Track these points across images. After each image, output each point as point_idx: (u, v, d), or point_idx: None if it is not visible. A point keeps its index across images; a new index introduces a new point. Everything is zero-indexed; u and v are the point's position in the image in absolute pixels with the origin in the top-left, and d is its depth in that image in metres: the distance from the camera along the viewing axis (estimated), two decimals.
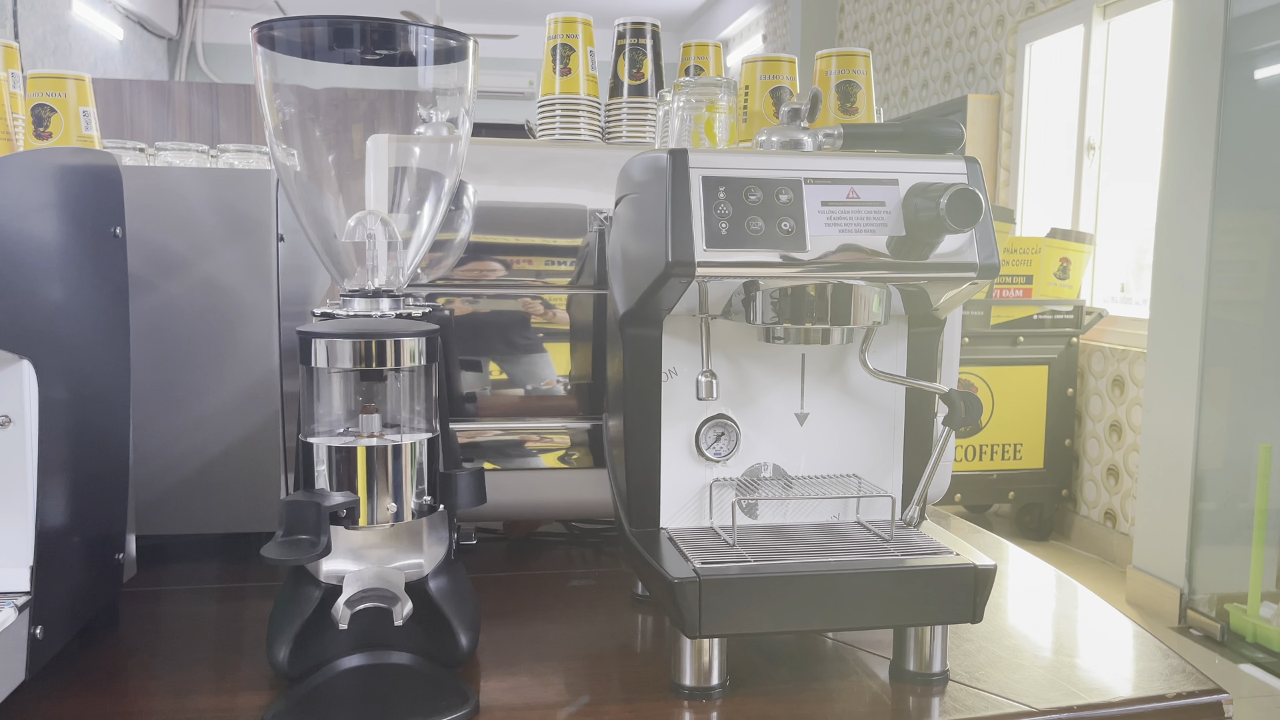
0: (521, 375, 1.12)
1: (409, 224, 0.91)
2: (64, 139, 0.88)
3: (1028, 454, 3.81)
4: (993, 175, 4.59)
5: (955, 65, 5.08)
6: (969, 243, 0.77)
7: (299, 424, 0.77)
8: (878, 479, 0.89)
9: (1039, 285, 3.85)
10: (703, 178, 0.74)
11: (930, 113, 5.03)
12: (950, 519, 1.33)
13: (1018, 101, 4.57)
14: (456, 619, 0.82)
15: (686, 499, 0.86)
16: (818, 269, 0.75)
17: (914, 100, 5.51)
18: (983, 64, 4.81)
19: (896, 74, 5.73)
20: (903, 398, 0.89)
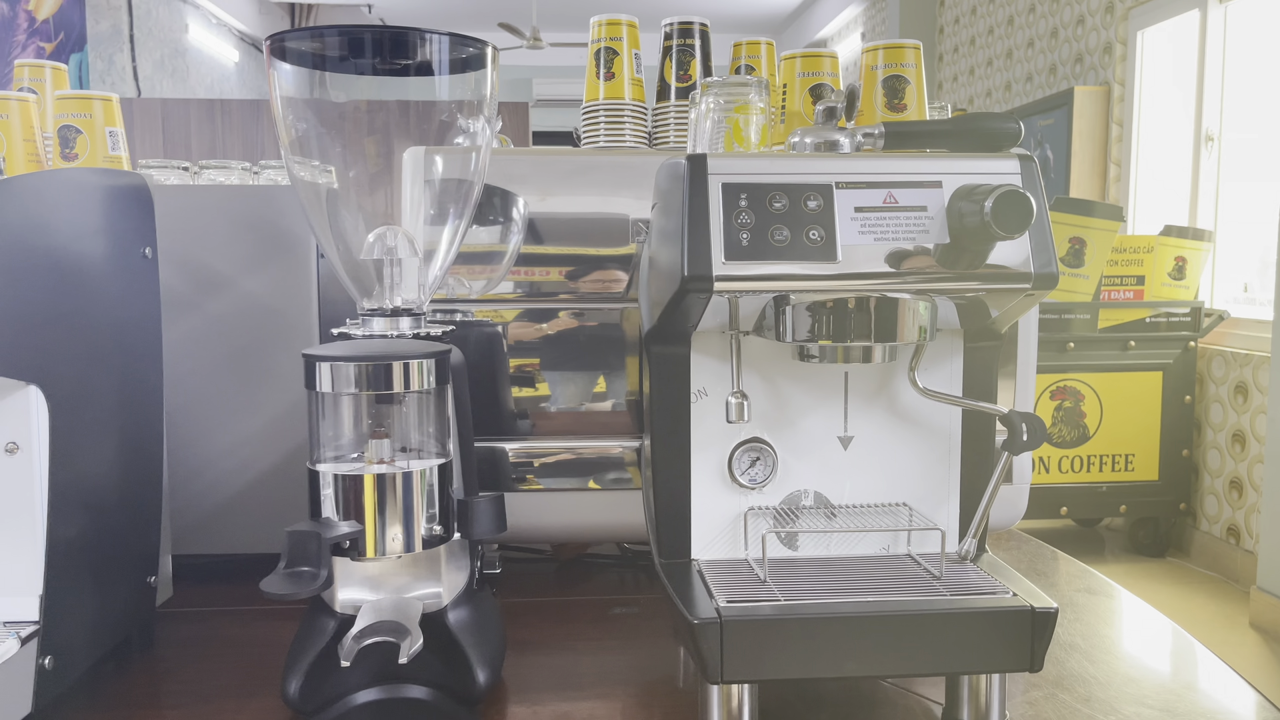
0: (574, 392, 1.08)
1: (434, 238, 0.87)
2: (90, 160, 0.88)
3: (1141, 465, 3.60)
4: (1102, 170, 4.37)
5: (1062, 56, 4.87)
6: (1022, 250, 0.70)
7: (310, 449, 0.74)
8: (931, 508, 0.81)
9: (1152, 286, 3.64)
10: (722, 185, 0.68)
11: (1035, 106, 4.82)
12: (1031, 543, 1.24)
13: (1129, 92, 4.34)
14: (475, 653, 0.78)
15: (720, 529, 0.80)
16: (849, 281, 0.68)
17: (1017, 95, 5.30)
18: (1091, 54, 4.59)
19: (999, 68, 5.53)
20: (959, 419, 0.81)
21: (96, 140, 0.86)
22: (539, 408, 1.05)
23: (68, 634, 0.74)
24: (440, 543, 0.75)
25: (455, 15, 9.58)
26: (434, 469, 0.74)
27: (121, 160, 0.91)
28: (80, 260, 0.78)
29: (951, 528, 0.81)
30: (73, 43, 5.95)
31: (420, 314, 0.83)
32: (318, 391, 0.71)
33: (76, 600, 0.76)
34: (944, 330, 0.80)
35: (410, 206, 0.85)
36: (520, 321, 1.04)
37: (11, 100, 0.84)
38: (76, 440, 0.76)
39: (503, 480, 1.06)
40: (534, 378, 1.06)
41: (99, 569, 0.79)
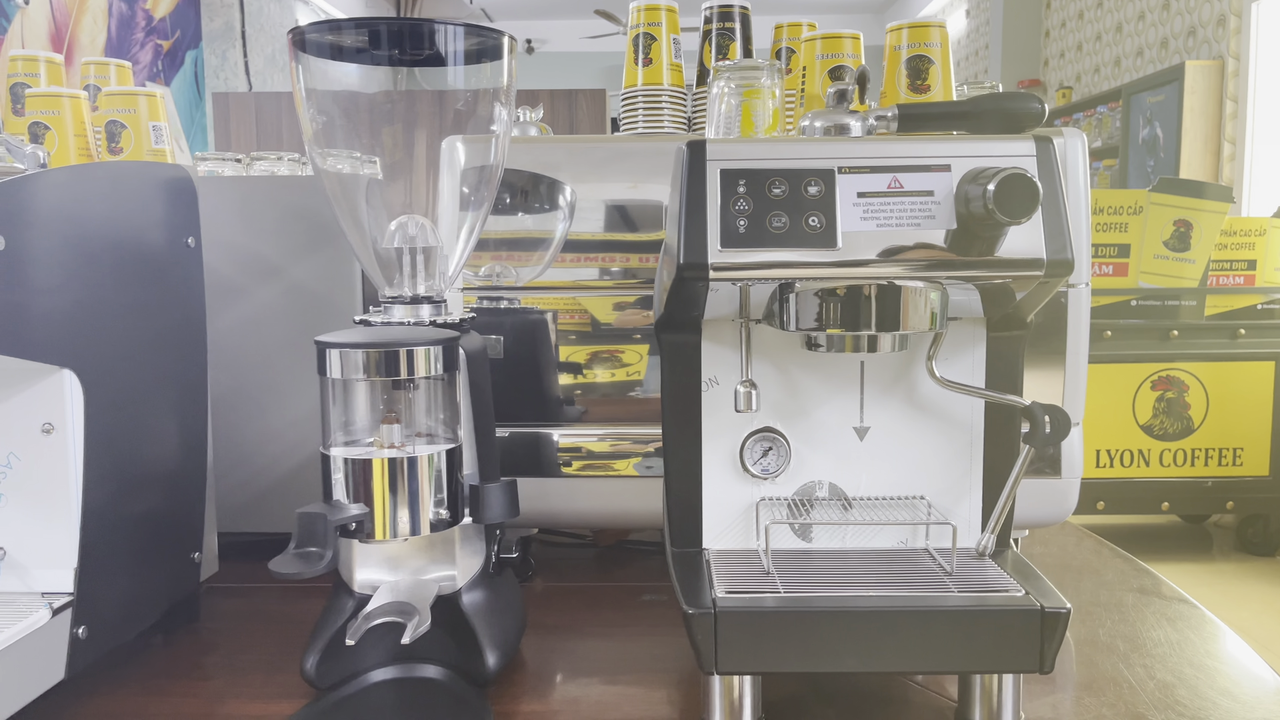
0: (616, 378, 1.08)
1: (456, 226, 0.89)
2: (135, 154, 0.92)
3: (1250, 460, 3.42)
4: (1215, 149, 4.15)
5: (1173, 29, 4.64)
6: (1035, 235, 0.67)
7: (322, 433, 0.76)
8: (951, 502, 0.79)
9: (1264, 271, 3.44)
10: (721, 171, 0.68)
11: (1145, 83, 4.61)
12: (1089, 540, 1.19)
13: (1243, 67, 4.11)
14: (486, 636, 0.79)
15: (732, 518, 0.79)
16: (850, 268, 0.67)
17: (1126, 71, 5.07)
18: (1204, 26, 4.36)
19: (1108, 42, 5.30)
20: (982, 411, 0.79)
21: (141, 135, 0.90)
22: (583, 394, 1.06)
23: (103, 606, 0.78)
24: (448, 526, 0.76)
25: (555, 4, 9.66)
26: (442, 454, 0.75)
27: (165, 154, 0.95)
28: (119, 249, 0.81)
29: (973, 522, 0.79)
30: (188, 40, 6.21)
31: (440, 301, 0.84)
32: (328, 377, 0.73)
33: (113, 574, 0.80)
34: (965, 319, 0.78)
35: (430, 195, 0.86)
36: (564, 308, 1.05)
37: (63, 97, 0.88)
38: (115, 423, 0.79)
39: (546, 465, 1.07)
40: (579, 364, 1.07)
41: (138, 545, 0.83)
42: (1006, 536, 0.78)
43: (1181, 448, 3.42)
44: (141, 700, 0.79)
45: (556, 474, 1.06)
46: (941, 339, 0.76)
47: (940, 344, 0.76)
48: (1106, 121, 5.23)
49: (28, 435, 0.75)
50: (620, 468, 1.05)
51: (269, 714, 0.77)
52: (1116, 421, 3.40)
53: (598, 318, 1.03)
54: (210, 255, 1.08)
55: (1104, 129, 5.26)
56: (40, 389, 0.75)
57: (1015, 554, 0.78)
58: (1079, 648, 0.87)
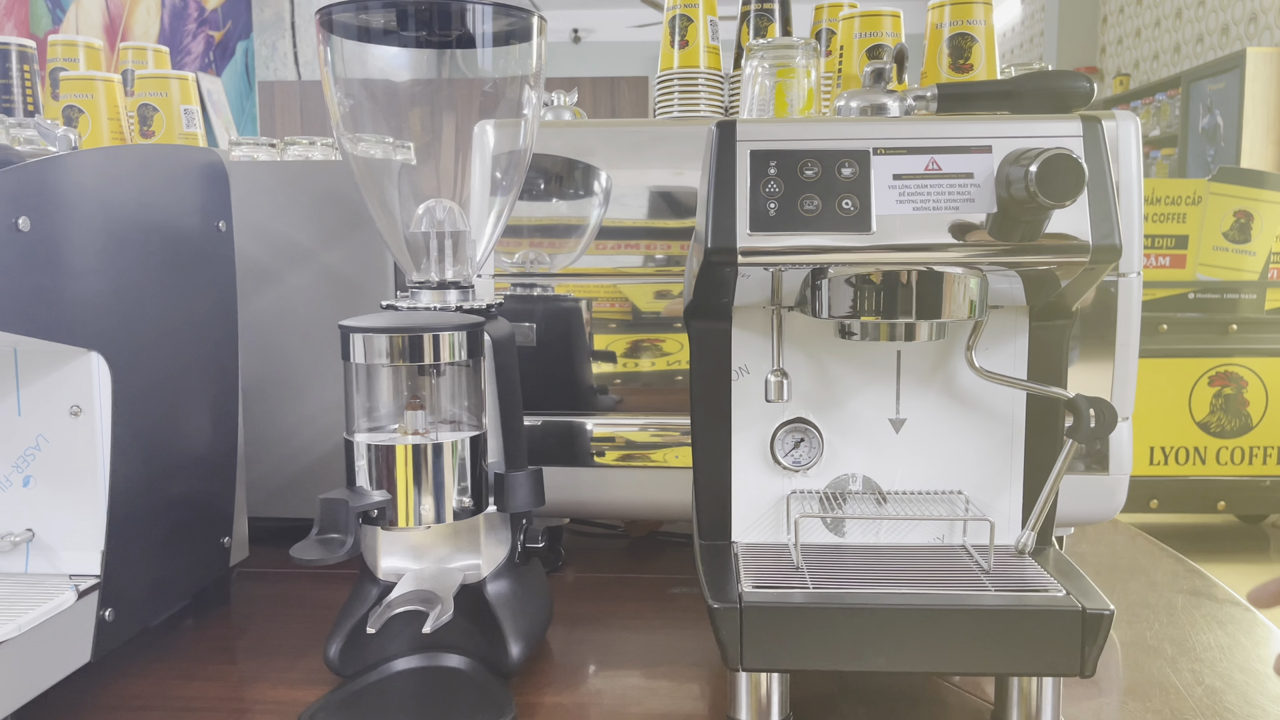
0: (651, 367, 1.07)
1: (484, 211, 0.87)
2: (166, 137, 0.91)
3: None
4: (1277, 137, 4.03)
5: (1235, 15, 4.50)
6: (1081, 220, 0.64)
7: (346, 419, 0.75)
8: (990, 498, 0.76)
9: None
10: (750, 152, 0.65)
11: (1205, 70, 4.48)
12: (1139, 539, 1.15)
13: None
14: (510, 626, 0.78)
15: (762, 511, 0.77)
16: (884, 253, 0.64)
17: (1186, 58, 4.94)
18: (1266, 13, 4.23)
19: (1167, 29, 5.16)
20: (1023, 403, 0.76)
21: (173, 118, 0.90)
22: (618, 383, 1.04)
23: (130, 589, 0.78)
24: (471, 514, 0.75)
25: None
26: (465, 441, 0.74)
27: (197, 137, 0.95)
28: (148, 232, 0.81)
29: (1013, 519, 0.76)
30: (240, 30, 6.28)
31: (468, 287, 0.83)
32: (351, 362, 0.72)
33: (141, 558, 0.80)
34: (1007, 307, 0.75)
35: (459, 179, 0.85)
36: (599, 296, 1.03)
37: (97, 81, 0.89)
38: (144, 406, 0.79)
39: (578, 454, 1.06)
40: (613, 352, 1.05)
41: (167, 528, 0.83)
42: (1048, 534, 0.76)
43: (1239, 445, 3.32)
44: (167, 684, 0.79)
45: (589, 463, 1.05)
46: (981, 328, 0.73)
47: (980, 333, 0.73)
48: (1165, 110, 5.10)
49: (56, 418, 0.75)
50: (654, 458, 1.04)
51: (292, 700, 0.76)
52: (1172, 418, 3.31)
53: (637, 305, 1.01)
54: (243, 240, 1.08)
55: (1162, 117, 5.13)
56: (68, 371, 0.75)
57: (1057, 552, 0.75)
58: (1125, 650, 0.83)
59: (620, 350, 1.03)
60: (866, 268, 0.66)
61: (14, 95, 1.01)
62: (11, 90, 1.01)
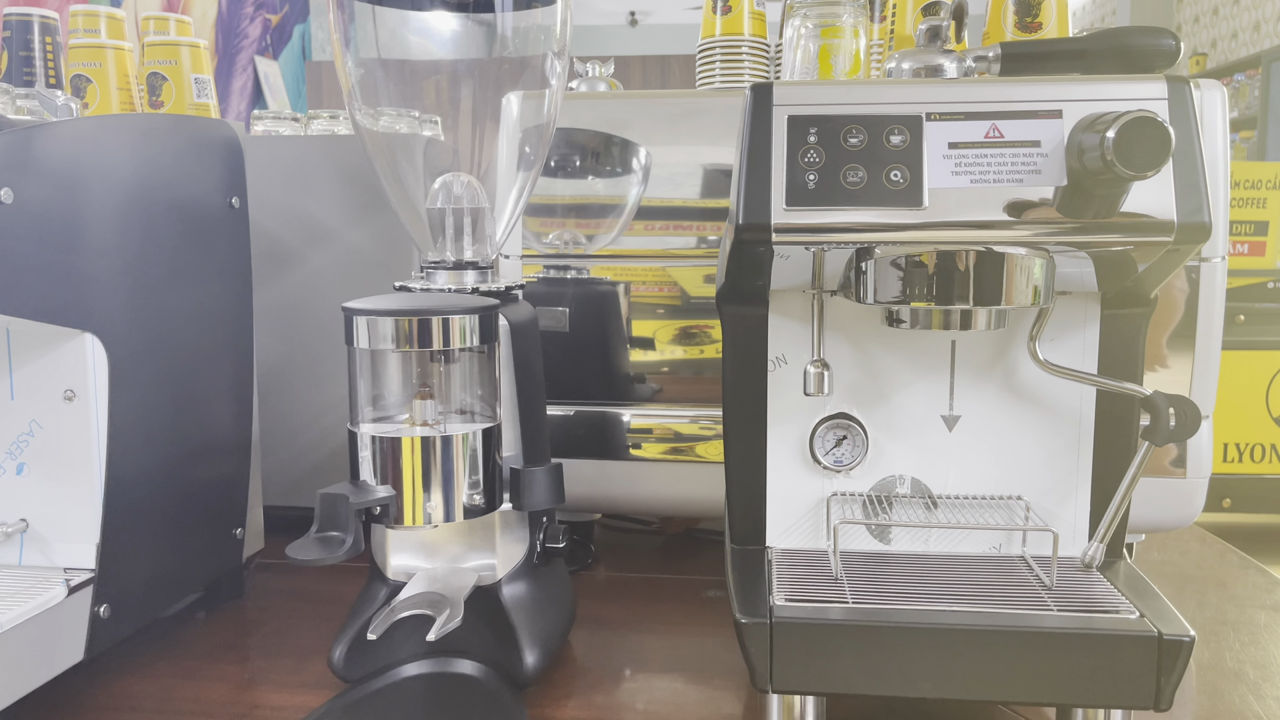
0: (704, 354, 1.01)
1: (506, 186, 0.82)
2: (176, 107, 0.87)
3: None
4: None
5: None
6: (1164, 193, 0.56)
7: (350, 408, 0.70)
8: (1054, 504, 0.69)
9: None
10: (788, 118, 0.59)
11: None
12: (1214, 546, 1.07)
13: None
14: (525, 633, 0.72)
15: (800, 514, 0.71)
16: (937, 231, 0.57)
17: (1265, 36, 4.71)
18: None
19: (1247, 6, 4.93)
20: (1093, 400, 0.68)
21: (183, 87, 0.86)
22: (657, 371, 0.98)
23: (129, 584, 0.74)
24: (482, 513, 0.70)
25: None
26: (477, 434, 0.69)
27: (209, 108, 0.91)
28: (151, 207, 0.77)
29: (1079, 528, 0.69)
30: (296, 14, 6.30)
31: (487, 267, 0.77)
32: (355, 347, 0.67)
33: (141, 550, 0.76)
34: (1076, 293, 0.67)
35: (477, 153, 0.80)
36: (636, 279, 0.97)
37: (106, 49, 0.84)
38: (145, 391, 0.75)
39: (612, 446, 1.00)
40: (652, 340, 0.99)
41: (171, 519, 0.79)
42: (1119, 545, 0.68)
43: None
44: (168, 683, 0.75)
45: (623, 456, 0.99)
46: (1047, 316, 0.66)
47: (1045, 321, 0.66)
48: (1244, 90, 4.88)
49: (50, 402, 0.71)
50: (698, 451, 0.98)
51: (294, 706, 0.72)
52: (1247, 413, 3.16)
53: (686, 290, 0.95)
54: (262, 217, 1.04)
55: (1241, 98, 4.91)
56: (62, 354, 0.70)
57: (1128, 566, 0.67)
58: (1201, 673, 0.76)
59: (666, 337, 0.97)
60: (917, 247, 0.59)
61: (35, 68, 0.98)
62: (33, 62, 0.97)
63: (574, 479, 0.97)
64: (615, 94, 0.98)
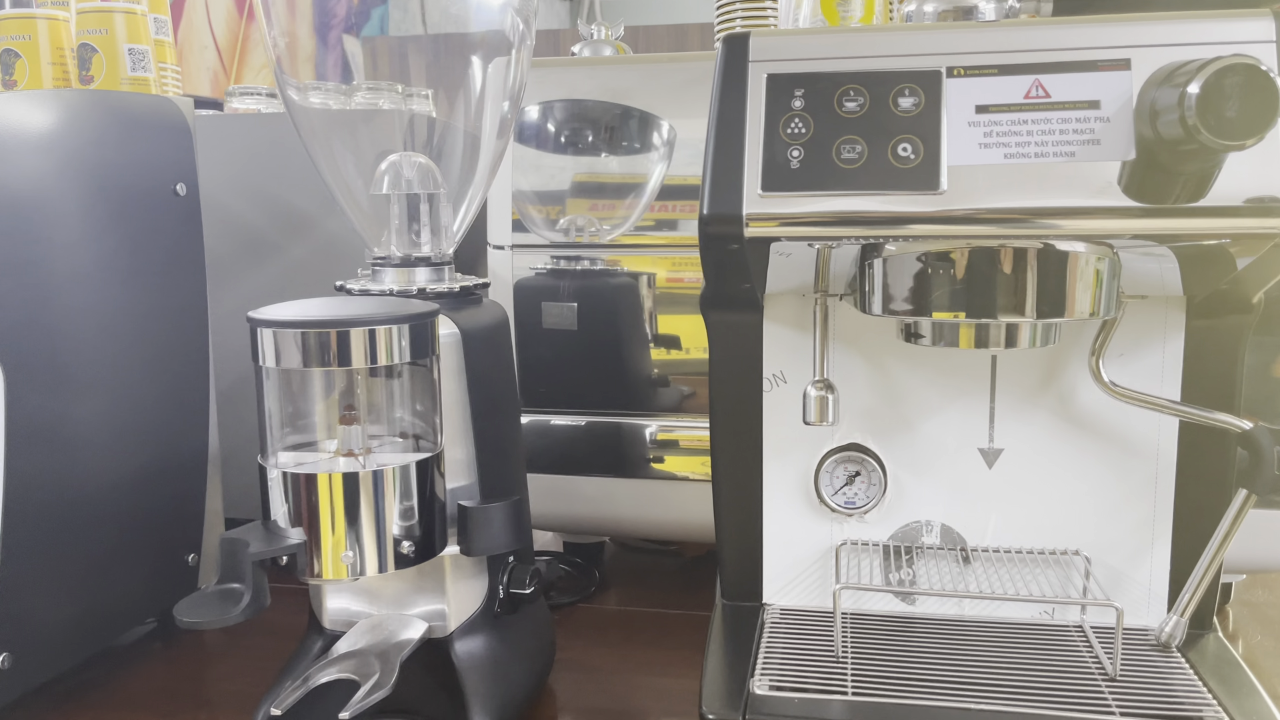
0: None
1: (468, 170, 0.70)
2: (108, 83, 0.78)
3: None
4: None
5: None
6: (1271, 168, 0.42)
7: (262, 436, 0.59)
8: (1123, 561, 0.55)
9: None
10: (768, 77, 0.46)
11: None
12: None
13: None
14: (478, 699, 0.61)
15: (805, 565, 0.58)
16: (957, 224, 0.44)
17: None
18: None
19: None
20: (1174, 433, 0.54)
21: (115, 60, 0.76)
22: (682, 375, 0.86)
23: (39, 629, 0.65)
24: (418, 561, 0.59)
25: None
26: (410, 466, 0.57)
27: (148, 83, 0.81)
28: (60, 200, 0.67)
29: (1155, 592, 0.55)
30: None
31: (444, 263, 0.66)
32: (260, 365, 0.56)
33: (57, 590, 0.67)
34: (1152, 298, 0.53)
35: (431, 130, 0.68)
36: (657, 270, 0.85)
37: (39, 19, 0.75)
38: (55, 412, 0.66)
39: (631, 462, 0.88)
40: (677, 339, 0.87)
41: (102, 553, 0.70)
42: (1208, 615, 0.54)
43: None
44: None
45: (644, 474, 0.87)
46: (1113, 327, 0.52)
47: (1111, 333, 0.52)
48: None
49: None
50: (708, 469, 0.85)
51: None
52: None
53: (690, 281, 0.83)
54: (235, 204, 0.94)
55: None
56: None
57: (1219, 643, 0.53)
58: None
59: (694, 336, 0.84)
60: (939, 244, 0.45)
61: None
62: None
63: (584, 499, 0.86)
64: (615, 59, 0.85)
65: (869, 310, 0.48)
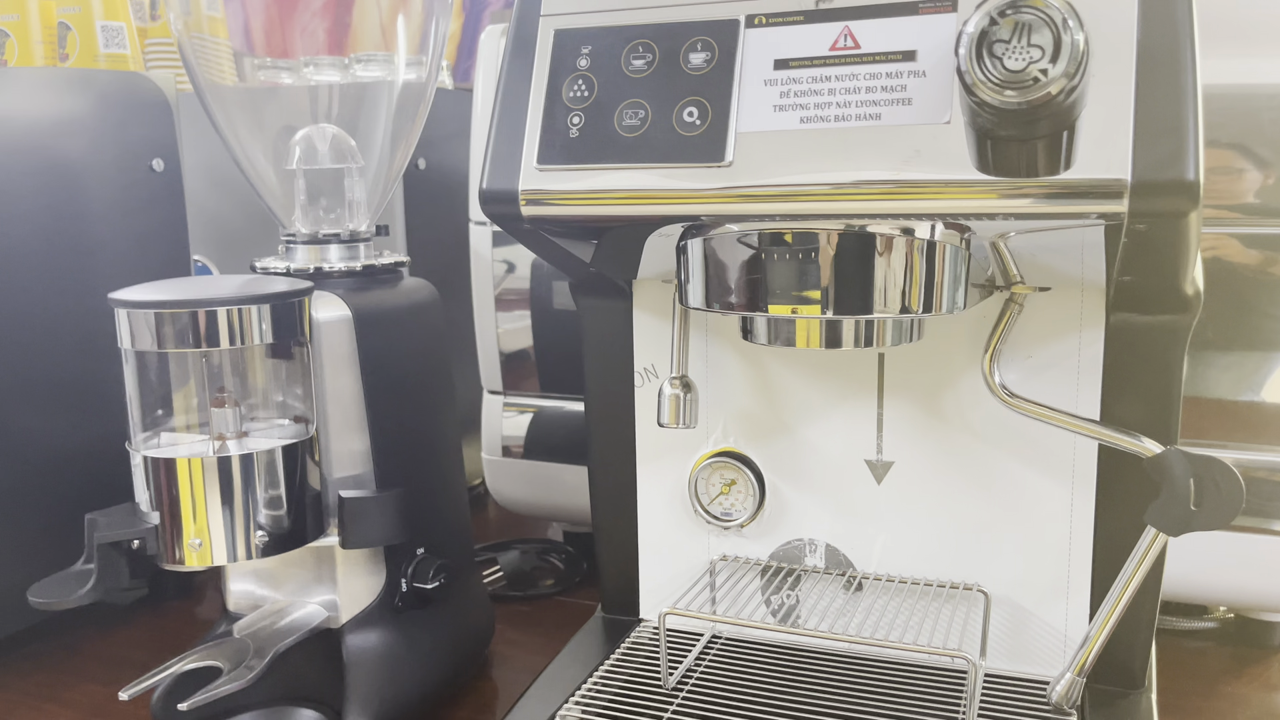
0: None
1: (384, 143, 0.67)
2: (83, 60, 0.79)
3: None
4: None
5: None
6: (1112, 135, 0.33)
7: (130, 419, 0.58)
8: (1033, 600, 0.46)
9: None
10: (555, 33, 0.40)
11: None
12: None
13: None
14: (358, 696, 0.59)
15: (684, 579, 0.52)
16: (743, 202, 0.37)
17: None
18: None
19: None
20: (1093, 452, 0.45)
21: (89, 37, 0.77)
22: None
23: None
24: (283, 549, 0.56)
25: None
26: (276, 451, 0.55)
27: (125, 60, 0.82)
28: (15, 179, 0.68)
29: (1070, 635, 0.46)
30: None
31: (362, 240, 0.63)
32: (121, 347, 0.55)
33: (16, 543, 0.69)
34: (1069, 285, 0.44)
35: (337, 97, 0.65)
36: None
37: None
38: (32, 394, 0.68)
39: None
40: None
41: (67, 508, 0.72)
42: (1140, 669, 0.45)
43: None
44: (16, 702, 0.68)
45: None
46: (1006, 324, 0.43)
47: (1007, 327, 0.43)
48: None
49: None
50: None
51: None
52: None
53: None
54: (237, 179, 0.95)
55: None
56: None
57: (1142, 708, 0.44)
58: None
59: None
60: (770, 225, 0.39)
61: None
62: None
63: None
64: None
65: (685, 303, 0.42)
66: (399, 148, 0.65)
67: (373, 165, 0.65)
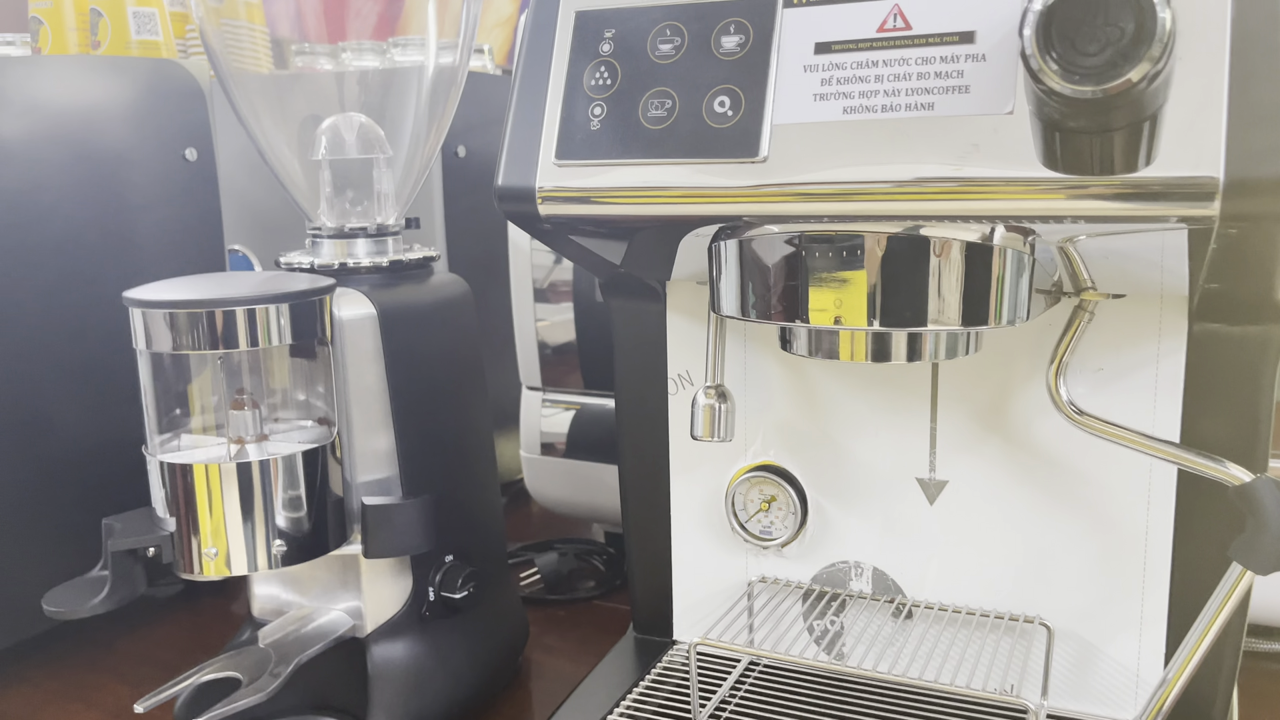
0: None
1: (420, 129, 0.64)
2: (114, 48, 0.77)
3: None
4: None
5: None
6: (1202, 126, 0.29)
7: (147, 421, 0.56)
8: (1101, 636, 0.42)
9: None
10: (576, 15, 0.37)
11: None
12: None
13: None
14: (382, 708, 0.57)
15: (724, 599, 0.49)
16: (779, 201, 0.33)
17: None
18: None
19: None
20: (1172, 476, 0.40)
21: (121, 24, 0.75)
22: None
23: None
24: (304, 558, 0.54)
25: None
26: (296, 458, 0.53)
27: (157, 46, 0.80)
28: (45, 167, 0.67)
29: (1143, 675, 0.42)
30: None
31: (390, 234, 0.61)
32: (135, 348, 0.53)
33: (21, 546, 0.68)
34: (1147, 294, 0.39)
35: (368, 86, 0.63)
36: None
37: None
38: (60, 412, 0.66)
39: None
40: None
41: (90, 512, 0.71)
42: (1223, 711, 0.40)
43: None
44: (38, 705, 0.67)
45: None
46: (1076, 333, 0.39)
47: (1074, 342, 0.39)
48: None
49: None
50: None
51: None
52: None
53: None
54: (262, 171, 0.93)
55: None
56: None
57: None
58: None
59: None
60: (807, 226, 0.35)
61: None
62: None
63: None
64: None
65: (717, 309, 0.38)
66: (429, 137, 0.63)
67: (402, 155, 0.63)
